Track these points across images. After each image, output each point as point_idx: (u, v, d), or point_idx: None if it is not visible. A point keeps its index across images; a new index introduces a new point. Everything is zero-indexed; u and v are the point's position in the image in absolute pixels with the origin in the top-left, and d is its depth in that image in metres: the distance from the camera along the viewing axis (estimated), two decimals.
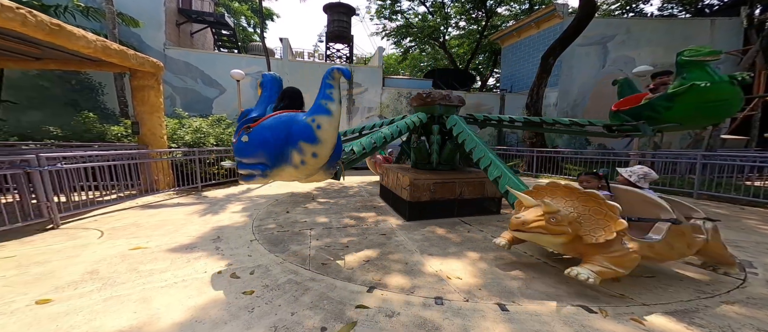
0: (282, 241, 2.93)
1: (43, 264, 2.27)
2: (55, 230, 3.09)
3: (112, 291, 1.90)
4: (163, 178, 5.16)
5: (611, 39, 10.59)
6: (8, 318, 1.58)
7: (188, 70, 9.64)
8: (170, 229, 3.21)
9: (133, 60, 4.60)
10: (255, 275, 2.21)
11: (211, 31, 13.66)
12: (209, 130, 6.54)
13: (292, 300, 1.87)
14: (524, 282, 2.13)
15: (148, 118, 5.15)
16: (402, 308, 1.79)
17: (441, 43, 18.95)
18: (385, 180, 4.85)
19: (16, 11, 2.86)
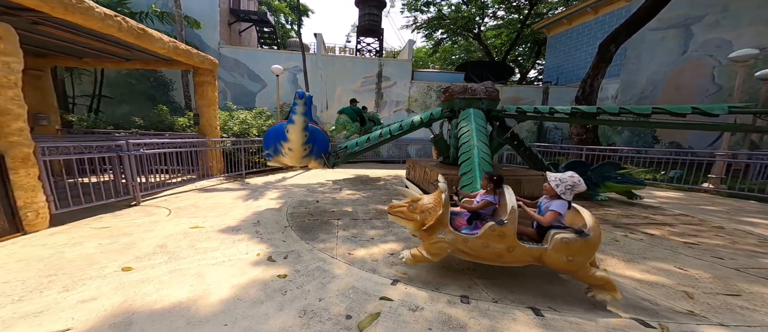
0: (312, 229, 3.08)
1: (128, 235, 2.74)
2: (137, 207, 3.71)
3: (176, 265, 2.21)
4: (216, 165, 5.81)
5: (698, 20, 8.54)
6: (102, 281, 1.94)
7: (237, 67, 10.49)
8: (221, 212, 3.61)
9: (196, 58, 5.15)
10: (288, 260, 2.36)
11: (255, 28, 14.60)
12: (253, 122, 7.11)
13: (320, 287, 1.96)
14: (563, 287, 1.94)
15: (206, 110, 5.78)
16: (426, 303, 1.76)
17: (476, 35, 17.48)
18: (412, 174, 4.76)
19: (114, 18, 3.37)
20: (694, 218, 3.81)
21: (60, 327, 1.47)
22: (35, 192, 2.73)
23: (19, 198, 2.62)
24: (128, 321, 1.54)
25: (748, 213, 4.07)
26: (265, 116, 7.97)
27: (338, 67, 11.03)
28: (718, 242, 2.92)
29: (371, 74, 11.09)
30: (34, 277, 1.93)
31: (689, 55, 8.66)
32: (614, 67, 8.69)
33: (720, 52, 8.02)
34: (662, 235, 3.04)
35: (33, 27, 3.34)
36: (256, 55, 10.79)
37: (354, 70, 11.06)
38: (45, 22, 3.24)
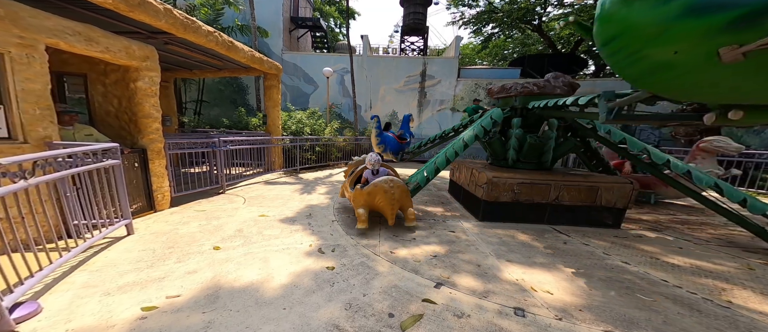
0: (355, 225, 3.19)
1: (217, 218, 3.35)
2: (223, 194, 4.50)
3: (249, 249, 2.59)
4: (277, 160, 6.61)
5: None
6: (200, 257, 2.41)
7: (295, 70, 11.57)
8: (281, 203, 4.08)
9: (266, 65, 5.90)
10: (335, 253, 2.50)
11: (310, 34, 15.79)
12: (307, 121, 7.78)
13: (364, 282, 2.01)
14: (659, 315, 1.55)
15: (271, 111, 6.59)
16: (473, 311, 1.63)
17: (536, 26, 14.87)
18: (457, 176, 4.44)
19: (214, 34, 4.09)
20: None
21: (175, 292, 1.88)
22: (163, 179, 3.59)
23: (154, 183, 3.47)
24: (216, 294, 1.87)
25: None
26: (317, 116, 8.61)
27: (382, 66, 11.05)
28: None
29: (415, 73, 10.75)
30: (161, 248, 2.53)
31: None
32: None
33: None
34: None
35: (164, 46, 4.24)
36: (310, 58, 11.68)
37: (397, 69, 10.92)
38: (172, 42, 4.09)
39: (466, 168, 3.96)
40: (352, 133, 9.47)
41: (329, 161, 7.88)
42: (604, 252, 2.54)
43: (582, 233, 3.01)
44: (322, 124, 8.35)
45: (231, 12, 9.83)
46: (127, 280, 1.99)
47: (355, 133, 9.58)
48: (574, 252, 2.54)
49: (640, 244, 2.75)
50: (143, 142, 3.37)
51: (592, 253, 2.50)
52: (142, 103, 3.31)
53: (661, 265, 2.30)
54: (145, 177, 3.37)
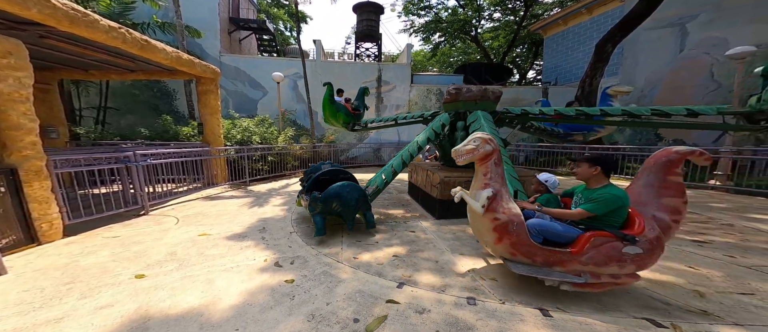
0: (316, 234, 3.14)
1: (139, 244, 2.82)
2: (146, 216, 3.80)
3: (186, 272, 2.28)
4: (220, 173, 5.92)
5: (693, 19, 8.61)
6: (117, 288, 2.01)
7: (238, 75, 10.67)
8: (227, 219, 3.69)
9: (198, 67, 5.30)
10: (295, 265, 2.42)
11: (254, 36, 14.87)
12: (255, 130, 7.23)
13: (327, 291, 2.01)
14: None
15: (209, 119, 5.91)
16: (433, 305, 1.79)
17: (473, 37, 17.64)
18: (415, 178, 4.81)
19: (119, 31, 3.49)
20: (702, 216, 3.82)
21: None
22: (49, 204, 2.83)
23: (34, 210, 2.72)
24: (144, 326, 1.61)
25: (756, 210, 4.05)
26: (268, 123, 8.10)
27: (338, 72, 11.20)
28: (729, 240, 2.93)
29: (371, 78, 11.24)
30: (53, 285, 2.00)
31: (686, 53, 8.69)
32: (612, 66, 8.72)
33: (716, 49, 8.04)
34: None
35: (40, 41, 3.45)
36: (257, 62, 10.99)
37: (353, 74, 11.22)
38: (51, 36, 3.34)
39: (423, 170, 4.36)
40: (309, 140, 9.18)
41: (285, 170, 7.46)
42: None
43: None
44: (274, 131, 7.87)
45: (147, 7, 8.56)
46: (8, 327, 1.53)
47: (313, 140, 9.33)
48: None
49: None
50: (11, 160, 2.65)
51: None
52: (6, 111, 2.61)
53: None
54: (17, 203, 2.62)
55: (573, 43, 11.29)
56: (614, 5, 9.21)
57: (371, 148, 11.16)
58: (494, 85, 12.24)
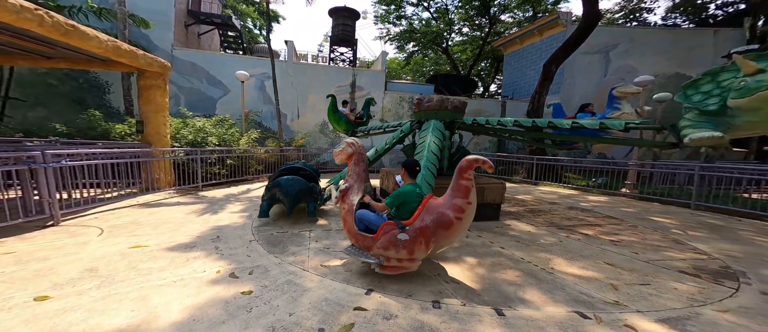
0: (281, 242, 2.92)
1: (43, 260, 2.26)
2: (56, 227, 3.08)
3: (111, 290, 1.89)
4: (164, 177, 5.17)
5: (614, 48, 10.63)
6: (6, 314, 1.57)
7: (194, 71, 9.72)
8: (170, 228, 3.20)
9: (142, 60, 4.66)
10: (254, 275, 2.20)
11: (218, 32, 13.82)
12: (212, 130, 6.57)
13: (290, 301, 1.86)
14: (520, 287, 2.13)
15: (152, 117, 5.18)
16: (400, 311, 1.78)
17: (444, 49, 19.05)
18: (385, 184, 4.85)
19: (35, 12, 2.91)
20: (616, 218, 4.51)
21: None
22: None
23: None
24: None
25: (653, 213, 4.96)
26: (228, 124, 7.43)
27: (310, 75, 10.97)
28: (634, 239, 3.45)
29: (344, 83, 11.25)
30: None
31: (608, 78, 10.63)
32: (556, 85, 10.08)
33: (630, 76, 9.97)
34: (594, 235, 3.54)
35: None
36: (218, 59, 10.17)
37: (327, 78, 11.10)
38: None
39: (392, 176, 4.42)
40: (276, 143, 8.65)
41: (247, 175, 6.86)
42: (490, 241, 3.13)
43: (477, 227, 3.80)
44: (235, 133, 7.24)
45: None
46: None
47: (281, 143, 8.83)
48: (472, 244, 3.02)
49: (509, 232, 3.53)
50: None
51: (483, 243, 3.05)
52: None
53: (520, 247, 2.97)
54: None
55: (527, 61, 12.73)
56: (559, 30, 10.88)
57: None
58: (461, 95, 13.28)
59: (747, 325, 1.73)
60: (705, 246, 3.19)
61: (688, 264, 2.65)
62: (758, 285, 2.28)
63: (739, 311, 1.89)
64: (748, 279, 2.41)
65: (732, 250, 3.08)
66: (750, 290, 2.22)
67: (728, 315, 1.84)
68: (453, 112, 4.35)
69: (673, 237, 3.54)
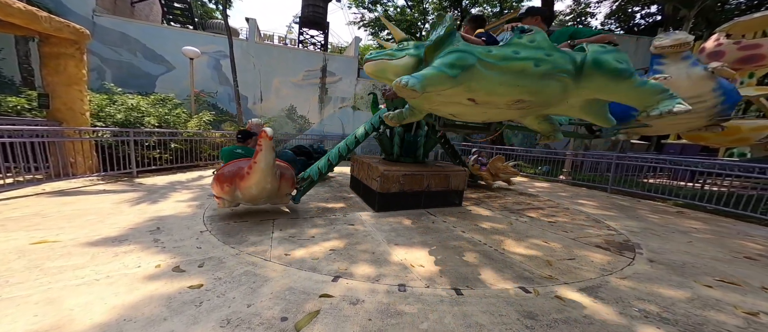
0: (240, 232, 2.66)
1: None
2: None
3: (1, 294, 1.48)
4: (82, 161, 4.25)
5: None
6: None
7: (125, 42, 8.13)
8: (91, 220, 2.65)
9: (46, 23, 3.68)
10: (205, 268, 1.96)
11: (160, 2, 11.67)
12: (150, 110, 5.59)
13: (249, 292, 1.71)
14: (477, 268, 2.27)
15: (63, 90, 4.17)
16: (366, 295, 1.78)
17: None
18: (356, 171, 4.77)
19: None
20: (554, 202, 5.20)
21: None
22: None
23: None
24: None
25: (581, 197, 5.83)
26: (172, 104, 6.41)
27: (276, 56, 10.06)
28: (566, 219, 3.79)
29: (315, 68, 10.60)
30: None
31: None
32: None
33: None
34: (537, 217, 3.98)
35: None
36: (159, 31, 8.65)
37: (295, 61, 10.32)
38: None
39: (364, 163, 4.36)
40: (234, 126, 7.80)
41: (198, 160, 6.08)
42: (453, 226, 3.23)
43: (443, 212, 3.78)
44: (181, 114, 6.29)
45: None
46: None
47: (240, 126, 8.00)
48: (437, 229, 3.10)
49: (470, 217, 3.68)
50: None
51: (448, 228, 3.14)
52: None
53: (478, 230, 3.13)
54: None
55: None
56: None
57: (314, 140, 10.54)
58: None
59: (637, 288, 2.12)
60: (614, 224, 3.82)
61: (602, 240, 3.12)
62: (647, 254, 2.80)
63: (633, 277, 2.29)
64: (641, 249, 2.86)
65: (632, 226, 3.74)
66: (641, 259, 2.69)
67: (626, 281, 2.20)
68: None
69: (594, 217, 4.18)
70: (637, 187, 6.18)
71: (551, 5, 8.17)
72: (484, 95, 2.28)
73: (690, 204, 5.11)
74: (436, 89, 2.10)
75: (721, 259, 2.73)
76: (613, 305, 1.83)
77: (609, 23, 18.00)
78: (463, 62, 2.07)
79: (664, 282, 2.19)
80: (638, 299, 1.93)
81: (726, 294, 2.05)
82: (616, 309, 1.79)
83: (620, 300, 1.90)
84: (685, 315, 1.77)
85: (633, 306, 1.84)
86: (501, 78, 2.15)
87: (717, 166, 5.20)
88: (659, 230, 3.61)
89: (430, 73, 2.02)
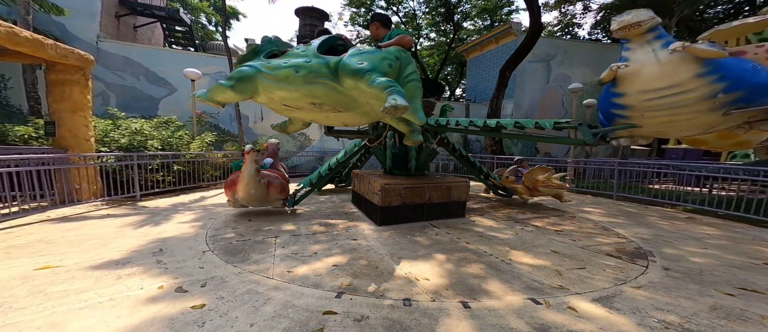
0: (242, 251, 2.68)
1: None
2: None
3: (7, 319, 1.50)
4: (87, 187, 4.34)
5: (553, 58, 12.24)
6: None
7: (128, 66, 8.51)
8: (95, 244, 2.69)
9: (52, 51, 3.92)
10: (207, 287, 1.97)
11: (161, 26, 12.37)
12: (153, 133, 5.77)
13: (252, 311, 1.71)
14: (484, 279, 2.24)
15: (68, 117, 4.35)
16: (371, 311, 1.77)
17: (412, 53, 19.75)
18: (358, 186, 4.82)
19: None
20: (559, 210, 5.13)
21: None
22: None
23: None
24: None
25: (587, 205, 5.75)
26: (175, 126, 6.61)
27: None
28: (573, 228, 3.75)
29: None
30: None
31: (549, 85, 12.28)
32: (510, 89, 11.15)
33: (565, 84, 11.70)
34: (543, 226, 3.95)
35: None
36: (160, 54, 9.09)
37: None
38: None
39: (365, 178, 4.42)
40: (236, 146, 7.95)
41: (201, 182, 6.16)
42: (457, 237, 3.23)
43: (446, 224, 3.77)
44: (184, 135, 6.47)
45: None
46: None
47: (241, 147, 8.15)
48: (441, 241, 3.09)
49: (473, 227, 3.68)
50: None
51: (452, 240, 3.14)
52: None
53: (483, 241, 3.12)
54: None
55: (487, 66, 13.88)
56: (511, 38, 12.22)
57: (314, 157, 10.65)
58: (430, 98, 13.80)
59: (654, 297, 2.07)
60: (624, 231, 3.77)
61: (612, 248, 3.08)
62: (661, 262, 2.75)
63: (649, 286, 2.23)
64: (654, 257, 2.81)
65: (643, 233, 3.69)
66: (655, 267, 2.58)
67: (642, 291, 2.11)
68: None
69: (601, 224, 4.15)
70: (642, 193, 6.15)
71: (538, 17, 8.60)
72: (280, 100, 2.68)
73: (700, 209, 5.05)
74: (220, 97, 2.64)
75: (740, 266, 2.65)
76: (630, 315, 1.77)
77: (595, 33, 18.74)
78: (238, 74, 2.53)
79: (682, 291, 2.13)
80: (657, 309, 1.86)
81: (750, 303, 1.97)
82: (634, 319, 1.73)
83: (637, 311, 1.83)
84: (710, 327, 1.68)
85: (652, 316, 1.77)
86: (276, 85, 2.48)
87: (722, 170, 5.21)
88: (671, 237, 3.55)
89: (213, 85, 2.65)
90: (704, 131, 2.66)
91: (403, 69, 2.63)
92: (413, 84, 2.65)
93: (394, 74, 2.53)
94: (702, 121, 2.45)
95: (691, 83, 2.25)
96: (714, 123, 2.47)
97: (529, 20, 8.76)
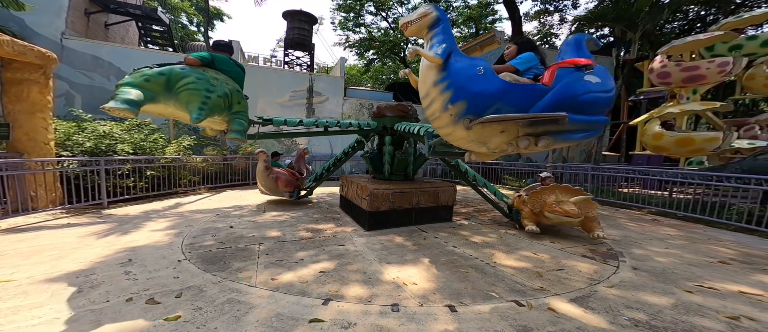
0: (222, 259, 2.56)
1: None
2: None
3: None
4: (44, 194, 3.96)
5: None
6: None
7: (98, 66, 8.02)
8: (52, 256, 2.45)
9: (8, 47, 3.63)
10: (183, 298, 1.86)
11: (136, 25, 11.82)
12: (124, 136, 5.42)
13: (232, 321, 1.64)
14: (470, 283, 2.28)
15: (25, 119, 4.00)
16: (359, 318, 1.75)
17: (401, 58, 20.25)
18: (346, 191, 4.79)
19: None
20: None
21: None
22: None
23: None
24: None
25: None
26: (149, 129, 6.25)
27: (261, 77, 10.26)
28: (551, 230, 3.88)
29: (301, 88, 10.87)
30: None
31: None
32: None
33: None
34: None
35: None
36: (134, 54, 8.66)
37: (281, 82, 10.55)
38: None
39: (353, 183, 4.41)
40: (218, 151, 7.62)
41: (178, 187, 5.83)
42: (444, 241, 3.29)
43: (434, 228, 3.82)
44: (159, 139, 6.13)
45: None
46: None
47: (223, 151, 7.82)
48: (429, 245, 3.13)
49: (460, 231, 3.77)
50: None
51: (439, 244, 3.19)
52: None
53: (469, 245, 3.19)
54: None
55: None
56: (495, 47, 12.80)
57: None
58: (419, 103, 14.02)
59: (624, 296, 2.20)
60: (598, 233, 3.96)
61: (587, 249, 3.26)
62: (630, 262, 2.92)
63: (620, 285, 2.37)
64: (624, 258, 2.96)
65: (614, 235, 3.93)
66: (625, 267, 2.72)
67: (614, 290, 2.22)
68: (392, 118, 4.50)
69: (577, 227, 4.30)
70: (613, 197, 6.61)
71: (520, 26, 9.27)
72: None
73: (662, 211, 5.47)
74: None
75: (698, 264, 2.84)
76: (603, 314, 1.89)
77: None
78: None
79: (648, 289, 2.27)
80: (627, 307, 1.98)
81: (707, 299, 2.12)
82: (606, 318, 1.83)
83: (610, 310, 1.94)
84: (673, 322, 1.81)
85: (622, 314, 1.88)
86: None
87: (680, 175, 5.74)
88: (638, 238, 3.81)
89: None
90: (491, 148, 2.21)
91: (173, 82, 2.53)
92: (187, 92, 2.58)
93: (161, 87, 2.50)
94: (459, 134, 2.10)
95: (433, 91, 2.01)
96: (474, 137, 2.07)
97: (511, 29, 9.35)
